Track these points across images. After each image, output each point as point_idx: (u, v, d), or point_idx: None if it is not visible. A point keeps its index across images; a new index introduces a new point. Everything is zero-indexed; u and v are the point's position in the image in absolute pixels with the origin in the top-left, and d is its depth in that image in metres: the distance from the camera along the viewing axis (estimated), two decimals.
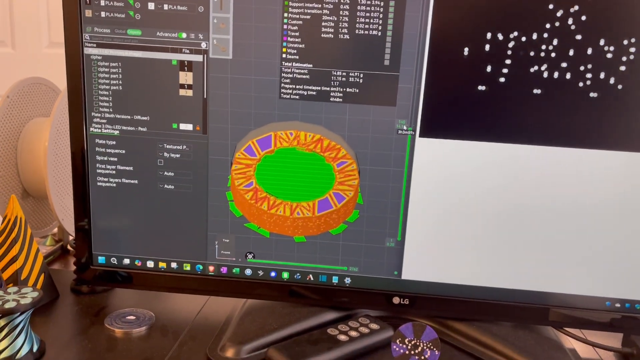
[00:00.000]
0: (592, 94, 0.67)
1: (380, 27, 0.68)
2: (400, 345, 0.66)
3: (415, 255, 0.74)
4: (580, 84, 0.67)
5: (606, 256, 0.72)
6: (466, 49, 0.67)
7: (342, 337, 0.71)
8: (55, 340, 0.72)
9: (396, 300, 0.75)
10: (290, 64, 0.69)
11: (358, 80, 0.69)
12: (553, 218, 0.71)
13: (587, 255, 0.72)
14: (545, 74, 0.67)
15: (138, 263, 0.77)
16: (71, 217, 0.93)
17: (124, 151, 0.74)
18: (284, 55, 0.69)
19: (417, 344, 0.66)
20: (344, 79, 0.69)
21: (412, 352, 0.66)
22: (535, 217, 0.71)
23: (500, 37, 0.66)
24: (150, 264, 0.77)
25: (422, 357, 0.65)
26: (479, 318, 0.76)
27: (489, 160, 0.70)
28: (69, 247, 1.03)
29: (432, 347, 0.66)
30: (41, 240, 1.05)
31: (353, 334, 0.72)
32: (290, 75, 0.70)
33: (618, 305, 0.73)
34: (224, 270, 0.76)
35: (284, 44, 0.69)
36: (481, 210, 0.72)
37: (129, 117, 0.73)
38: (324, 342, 0.70)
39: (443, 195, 0.72)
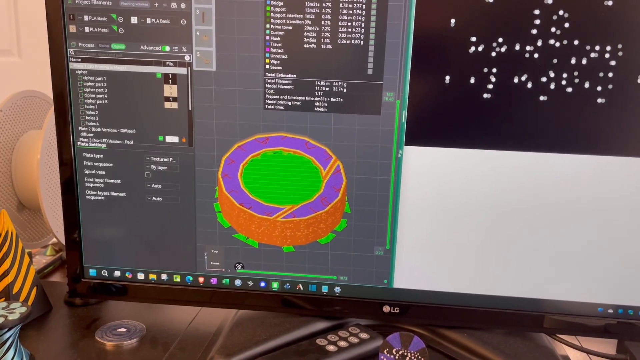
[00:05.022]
0: (575, 99, 0.66)
1: (362, 36, 0.67)
2: (388, 355, 0.66)
3: (405, 263, 0.74)
4: (567, 90, 0.66)
5: (598, 262, 0.71)
6: (449, 56, 0.67)
7: (331, 348, 0.71)
8: (45, 354, 0.72)
9: (386, 309, 0.75)
10: (273, 75, 0.69)
11: (342, 89, 0.69)
12: (544, 224, 0.70)
13: (579, 261, 0.71)
14: (530, 82, 0.66)
15: (129, 275, 0.77)
16: None
17: (111, 164, 0.74)
18: (267, 66, 0.69)
19: (405, 354, 0.66)
20: (327, 88, 0.69)
21: None
22: (525, 224, 0.71)
23: (483, 44, 0.66)
24: (140, 276, 0.77)
25: None
26: (471, 326, 0.76)
27: (478, 168, 0.70)
28: None
29: (419, 357, 0.65)
30: (41, 250, 1.05)
31: (342, 344, 0.72)
32: (274, 86, 0.70)
33: (611, 311, 0.72)
34: (213, 281, 0.76)
35: (267, 55, 0.69)
36: (471, 217, 0.71)
37: (115, 130, 0.73)
38: (312, 353, 0.70)
39: (432, 203, 0.71)
